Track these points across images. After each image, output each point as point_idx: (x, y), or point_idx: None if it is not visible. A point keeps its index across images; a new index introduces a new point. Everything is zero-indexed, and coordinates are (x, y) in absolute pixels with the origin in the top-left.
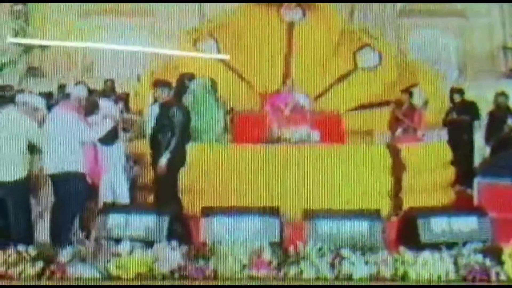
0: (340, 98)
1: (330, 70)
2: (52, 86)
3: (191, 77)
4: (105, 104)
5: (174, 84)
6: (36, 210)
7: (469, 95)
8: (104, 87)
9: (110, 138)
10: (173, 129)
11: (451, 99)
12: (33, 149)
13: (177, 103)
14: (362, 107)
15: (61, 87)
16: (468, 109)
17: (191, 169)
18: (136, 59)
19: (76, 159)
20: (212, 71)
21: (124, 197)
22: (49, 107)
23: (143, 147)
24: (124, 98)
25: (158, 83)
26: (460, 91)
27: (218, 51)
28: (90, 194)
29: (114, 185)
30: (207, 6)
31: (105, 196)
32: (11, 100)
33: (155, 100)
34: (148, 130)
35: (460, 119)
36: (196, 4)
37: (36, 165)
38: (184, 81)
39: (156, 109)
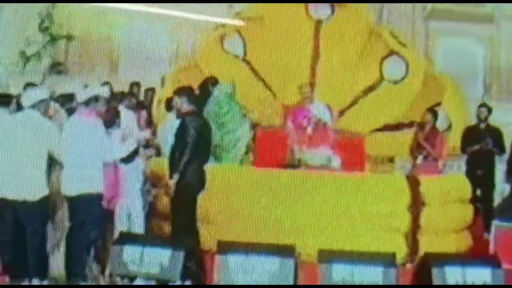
0: (364, 115)
1: (356, 80)
2: (75, 85)
3: (215, 82)
4: (125, 113)
5: (196, 91)
6: (53, 238)
7: (493, 117)
8: (129, 90)
9: (130, 155)
10: (185, 145)
11: (477, 121)
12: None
13: (195, 114)
14: (387, 127)
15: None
16: (492, 136)
17: (207, 194)
18: (161, 58)
19: (97, 179)
20: (236, 74)
21: (139, 225)
22: (70, 111)
23: (162, 166)
24: (147, 107)
25: (177, 91)
26: (487, 109)
27: (244, 51)
28: (107, 220)
29: (130, 210)
30: None
31: (120, 222)
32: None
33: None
34: (166, 146)
35: (482, 149)
36: None
37: (54, 182)
38: (208, 87)
39: (175, 121)
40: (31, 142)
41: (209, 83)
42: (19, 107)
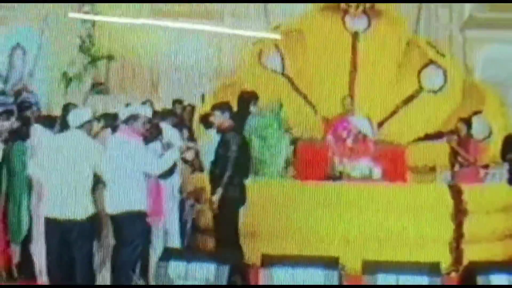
0: (404, 126)
1: (395, 91)
2: (116, 105)
3: (255, 97)
4: (168, 130)
5: (235, 107)
6: (99, 256)
7: None
8: (171, 108)
9: (169, 170)
10: (227, 160)
11: None
12: (96, 181)
13: (235, 130)
14: (427, 137)
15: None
16: None
17: (249, 208)
18: (201, 75)
19: (140, 196)
20: (276, 90)
21: (177, 241)
22: (112, 130)
23: (203, 181)
24: (188, 123)
25: (216, 106)
26: None
27: (283, 66)
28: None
29: (166, 226)
30: (272, 12)
31: (157, 238)
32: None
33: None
34: (206, 162)
35: None
36: (262, 10)
37: (98, 201)
38: (246, 102)
39: (215, 136)
40: (78, 161)
41: (247, 98)
42: (63, 128)
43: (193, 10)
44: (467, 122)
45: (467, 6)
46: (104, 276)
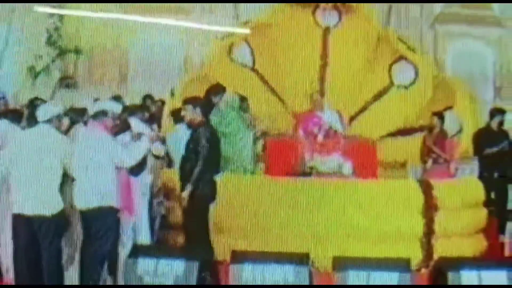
0: (375, 121)
1: (366, 86)
2: (84, 99)
3: (220, 91)
4: (137, 124)
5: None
6: (67, 252)
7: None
8: (141, 103)
9: (139, 166)
10: (197, 156)
11: (488, 125)
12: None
13: (204, 124)
14: (398, 132)
15: (95, 101)
16: (505, 139)
17: (219, 204)
18: (170, 70)
19: (111, 191)
20: (245, 84)
21: (146, 238)
22: (80, 125)
23: (173, 177)
24: (158, 118)
25: (187, 101)
26: (500, 112)
27: (253, 60)
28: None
29: (135, 222)
30: (241, 7)
31: (126, 235)
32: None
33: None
34: (176, 157)
35: (495, 152)
36: (231, 4)
37: (66, 197)
38: (210, 97)
39: (185, 131)
40: (46, 156)
41: (212, 93)
42: (30, 122)
43: (162, 4)
44: (441, 116)
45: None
46: (72, 272)
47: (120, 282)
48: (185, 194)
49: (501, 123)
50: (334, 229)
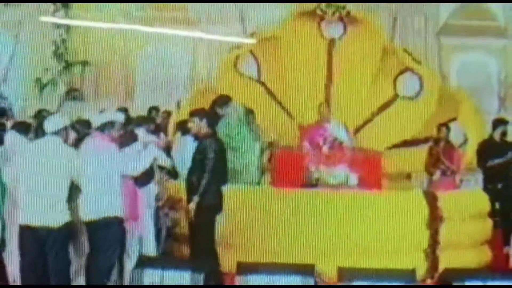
0: (380, 132)
1: (371, 97)
2: (91, 111)
3: (225, 102)
4: (144, 136)
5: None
6: (74, 264)
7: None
8: (147, 115)
9: (146, 177)
10: (204, 168)
11: (491, 136)
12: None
13: (211, 136)
14: (404, 144)
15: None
16: (509, 151)
17: (225, 215)
18: (177, 82)
19: (117, 202)
20: (251, 96)
21: (152, 249)
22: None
23: (179, 189)
24: (164, 129)
25: (194, 113)
26: (503, 122)
27: (259, 72)
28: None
29: (141, 234)
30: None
31: (132, 246)
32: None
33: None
34: (182, 169)
35: (498, 164)
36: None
37: (74, 208)
38: (216, 108)
39: (192, 143)
40: (54, 168)
41: (217, 104)
42: (38, 134)
43: (169, 15)
44: (448, 127)
45: (443, 13)
46: (79, 283)
47: None
48: (192, 206)
49: (504, 134)
50: (339, 240)
